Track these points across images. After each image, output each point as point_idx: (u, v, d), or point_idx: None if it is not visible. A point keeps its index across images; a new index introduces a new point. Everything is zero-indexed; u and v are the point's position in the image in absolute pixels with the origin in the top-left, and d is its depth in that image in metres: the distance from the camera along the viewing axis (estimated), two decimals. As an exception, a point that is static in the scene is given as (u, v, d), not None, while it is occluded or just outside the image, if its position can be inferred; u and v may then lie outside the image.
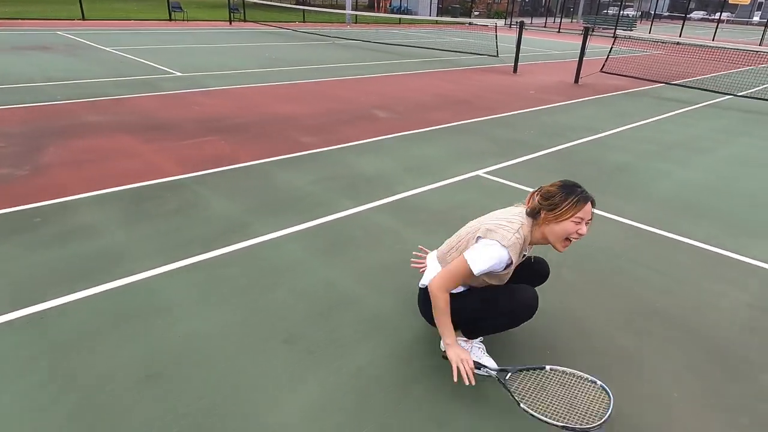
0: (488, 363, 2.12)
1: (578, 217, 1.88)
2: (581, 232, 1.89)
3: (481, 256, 1.87)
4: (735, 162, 5.44)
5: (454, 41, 18.31)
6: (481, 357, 2.18)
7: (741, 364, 2.30)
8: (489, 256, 1.86)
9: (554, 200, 1.90)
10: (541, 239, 1.97)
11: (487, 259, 1.86)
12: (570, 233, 1.90)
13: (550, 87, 9.64)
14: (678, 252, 3.33)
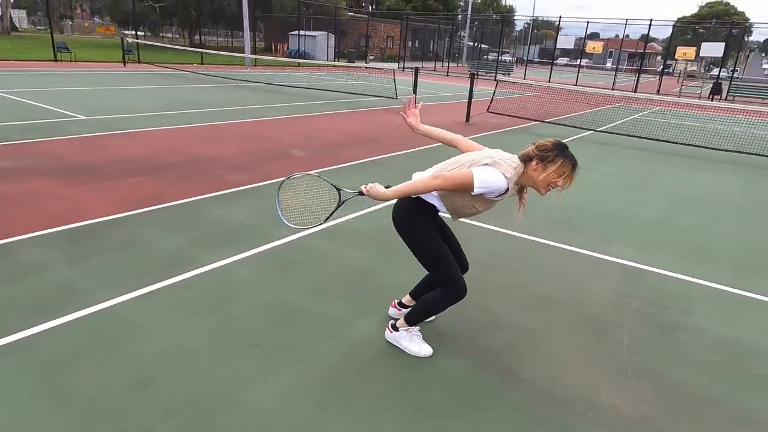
0: (425, 350, 2.64)
1: (562, 175, 2.28)
2: (559, 184, 2.30)
3: (487, 176, 2.22)
4: (598, 186, 6.64)
5: (354, 84, 19.40)
6: (420, 344, 2.69)
7: (606, 328, 3.06)
8: (493, 179, 2.22)
9: (547, 154, 2.27)
10: (525, 181, 2.36)
11: (491, 181, 2.22)
12: (551, 183, 2.30)
13: (446, 125, 10.65)
14: (560, 255, 4.17)
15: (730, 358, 2.86)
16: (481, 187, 2.23)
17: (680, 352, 2.88)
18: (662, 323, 3.19)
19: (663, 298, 3.52)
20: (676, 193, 6.44)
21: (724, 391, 2.57)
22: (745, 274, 4.02)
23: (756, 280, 3.90)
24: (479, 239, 4.40)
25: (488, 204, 2.38)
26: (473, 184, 2.22)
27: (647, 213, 5.51)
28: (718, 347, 2.96)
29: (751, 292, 3.69)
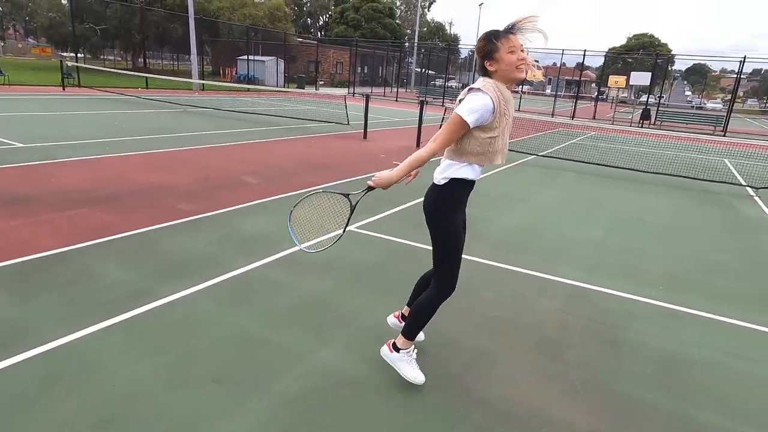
0: (420, 378, 2.65)
1: (511, 47, 2.25)
2: (521, 57, 2.26)
3: (470, 104, 2.23)
4: (543, 208, 6.99)
5: (305, 109, 19.49)
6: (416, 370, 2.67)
7: (556, 347, 3.24)
8: (476, 102, 2.23)
9: (487, 48, 2.28)
10: (504, 81, 2.32)
11: (476, 103, 2.22)
12: (515, 62, 2.25)
13: (397, 150, 11.00)
14: (511, 277, 4.36)
15: (668, 370, 3.09)
16: (471, 114, 2.23)
17: (624, 366, 3.09)
18: (607, 339, 3.40)
19: (606, 316, 3.75)
20: (615, 214, 6.88)
21: (665, 401, 2.78)
22: (677, 289, 4.35)
23: (686, 295, 4.23)
24: (429, 264, 4.52)
25: (501, 124, 2.34)
26: (464, 119, 2.24)
27: (589, 234, 5.85)
28: (657, 359, 3.19)
29: (682, 306, 4.00)
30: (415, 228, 5.49)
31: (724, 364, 3.20)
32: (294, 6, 61.29)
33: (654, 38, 59.22)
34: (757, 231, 6.56)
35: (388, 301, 3.70)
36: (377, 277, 4.14)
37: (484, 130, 2.31)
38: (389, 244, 4.94)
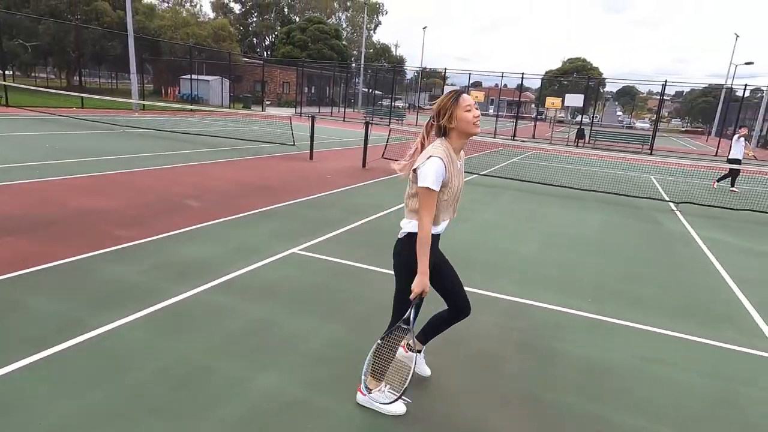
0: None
1: (467, 106, 2.49)
2: (476, 114, 2.50)
3: (426, 173, 2.42)
4: (484, 226, 7.25)
5: (251, 130, 19.30)
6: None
7: (493, 360, 3.38)
8: (430, 168, 2.42)
9: (445, 109, 2.51)
10: (458, 141, 2.55)
11: (431, 171, 2.42)
12: (471, 119, 2.49)
13: (343, 171, 11.11)
14: (451, 294, 4.51)
15: (593, 377, 3.29)
16: (431, 182, 2.42)
17: (554, 376, 3.27)
18: (539, 351, 3.58)
19: (539, 328, 3.95)
20: (550, 230, 7.24)
21: (590, 406, 2.96)
22: (603, 300, 4.64)
23: (611, 305, 4.52)
24: (374, 284, 4.61)
25: (455, 180, 2.54)
26: (430, 188, 2.43)
27: (526, 250, 6.13)
28: (583, 368, 3.40)
29: (607, 316, 4.27)
30: (359, 248, 5.57)
31: (642, 369, 3.44)
32: (239, 26, 60.90)
33: (586, 62, 62.94)
34: (676, 243, 7.08)
35: (332, 325, 3.74)
36: (320, 299, 4.17)
37: (444, 190, 2.51)
38: (332, 266, 4.99)
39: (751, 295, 5.07)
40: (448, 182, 2.50)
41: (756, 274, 5.91)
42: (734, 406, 3.09)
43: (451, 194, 2.55)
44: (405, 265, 2.63)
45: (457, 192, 2.59)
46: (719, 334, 4.09)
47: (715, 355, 3.76)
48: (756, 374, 3.51)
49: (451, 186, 2.52)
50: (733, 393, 3.24)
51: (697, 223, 8.46)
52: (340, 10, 68.93)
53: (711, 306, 4.74)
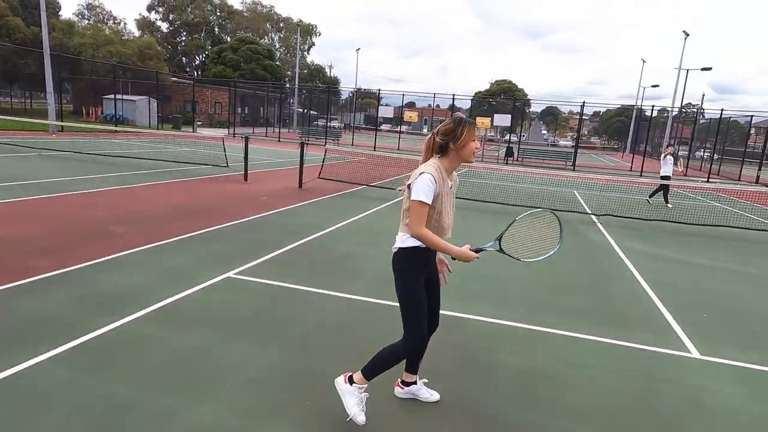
0: (361, 418, 2.76)
1: (474, 136, 2.67)
2: (477, 146, 2.71)
3: (418, 187, 2.59)
4: (420, 242, 7.39)
5: (181, 151, 18.65)
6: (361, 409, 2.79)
7: (431, 375, 3.44)
8: (422, 183, 2.59)
9: (455, 133, 2.64)
10: (450, 165, 2.72)
11: (423, 185, 2.58)
12: (473, 149, 2.68)
13: (279, 192, 10.97)
14: (387, 312, 4.55)
15: (528, 385, 3.43)
16: (424, 196, 2.58)
17: (490, 386, 3.37)
18: (475, 363, 3.69)
19: (475, 341, 4.07)
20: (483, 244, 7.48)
21: (523, 414, 3.08)
22: (534, 310, 4.86)
23: (541, 315, 4.74)
24: (313, 305, 4.57)
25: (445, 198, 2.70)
26: (423, 201, 2.58)
27: (460, 264, 6.29)
28: (519, 377, 3.53)
29: (537, 326, 4.47)
30: (297, 270, 5.51)
31: (569, 374, 3.62)
32: (167, 45, 59.12)
33: (513, 84, 66.28)
34: (599, 253, 7.55)
35: (270, 349, 3.66)
36: (257, 324, 4.08)
37: (436, 202, 2.65)
38: (269, 289, 4.90)
39: (665, 298, 5.49)
40: (437, 198, 2.63)
41: (668, 278, 6.41)
42: (651, 403, 3.32)
43: (441, 209, 2.69)
44: (398, 278, 2.81)
45: (446, 210, 2.73)
46: (637, 336, 4.39)
47: (634, 356, 4.03)
48: (669, 371, 3.80)
49: (442, 200, 2.66)
50: (651, 390, 3.48)
51: (616, 234, 9.07)
52: (273, 30, 68.71)
53: (630, 310, 5.08)
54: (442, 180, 2.66)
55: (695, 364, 3.97)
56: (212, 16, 62.49)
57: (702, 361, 4.02)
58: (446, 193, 2.71)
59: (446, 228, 2.78)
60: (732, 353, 4.18)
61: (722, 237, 9.66)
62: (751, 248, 8.86)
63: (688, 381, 3.67)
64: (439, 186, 2.63)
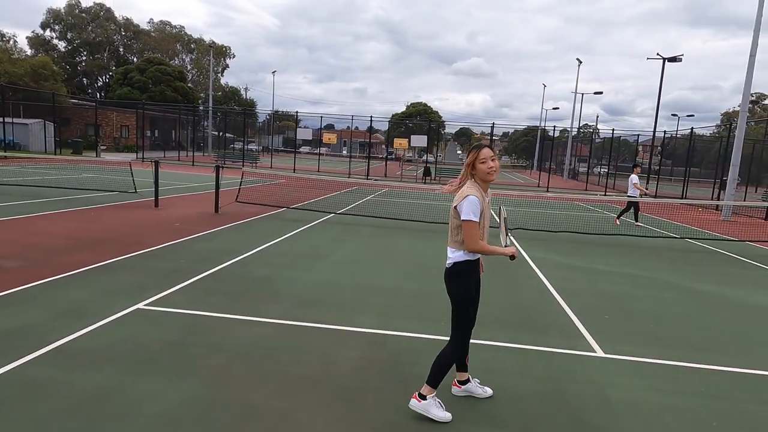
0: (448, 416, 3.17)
1: (482, 158, 3.05)
2: (490, 166, 3.06)
3: (467, 209, 2.99)
4: (341, 263, 7.38)
5: (83, 178, 17.33)
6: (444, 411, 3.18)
7: (356, 393, 3.42)
8: (469, 203, 2.99)
9: (468, 159, 3.10)
10: (482, 184, 3.11)
11: (470, 206, 2.99)
12: (486, 170, 3.06)
13: (193, 218, 10.50)
14: (309, 334, 4.48)
15: (447, 396, 3.50)
16: (473, 215, 2.99)
17: (407, 400, 3.40)
18: (399, 378, 3.71)
19: (399, 356, 4.10)
20: (406, 262, 7.63)
21: (448, 426, 3.13)
22: (455, 323, 4.99)
23: (463, 327, 4.88)
24: (233, 332, 4.40)
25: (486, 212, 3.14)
26: (472, 220, 3.00)
27: (382, 282, 6.37)
28: (440, 388, 3.59)
29: (460, 338, 4.60)
30: (214, 297, 5.28)
31: (487, 382, 3.74)
32: (65, 65, 55.15)
33: (427, 106, 68.86)
34: (512, 264, 7.94)
35: (186, 383, 3.46)
36: (171, 356, 3.84)
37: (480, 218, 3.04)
38: (186, 319, 4.64)
39: (571, 303, 5.88)
40: (482, 213, 3.04)
41: (574, 285, 6.88)
42: (563, 402, 3.52)
43: (483, 226, 3.08)
44: (454, 290, 3.17)
45: (487, 219, 3.14)
46: (548, 340, 4.66)
47: (547, 359, 4.27)
48: (578, 371, 4.06)
49: (483, 219, 3.07)
50: (562, 391, 3.69)
51: (527, 245, 9.61)
52: (184, 52, 66.45)
53: (542, 317, 5.38)
54: (483, 197, 3.08)
55: (600, 362, 4.27)
56: (116, 35, 59.30)
57: (606, 359, 4.34)
58: (486, 207, 3.14)
59: (486, 234, 3.20)
60: (631, 350, 4.54)
61: (619, 245, 10.56)
62: (644, 254, 9.76)
63: (594, 378, 3.94)
64: (482, 203, 3.04)
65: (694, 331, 5.26)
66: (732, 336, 5.19)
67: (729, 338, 5.12)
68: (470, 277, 3.19)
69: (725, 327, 5.50)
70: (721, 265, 9.19)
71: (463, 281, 3.16)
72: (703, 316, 5.91)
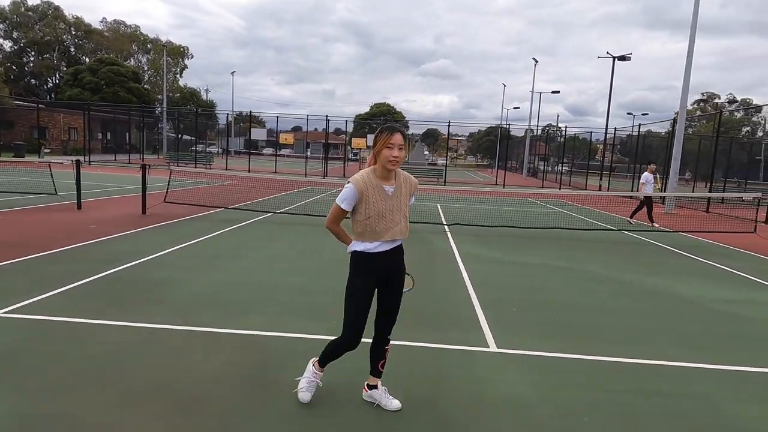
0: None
1: (390, 143, 2.75)
2: (395, 155, 2.77)
3: (342, 194, 2.84)
4: (262, 262, 7.02)
5: (12, 181, 16.36)
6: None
7: (202, 403, 3.09)
8: (343, 193, 2.84)
9: (375, 140, 2.82)
10: (382, 172, 2.85)
11: (343, 194, 2.83)
12: (388, 157, 2.77)
13: (116, 219, 9.94)
14: (179, 339, 4.12)
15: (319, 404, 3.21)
16: (342, 201, 2.85)
17: (275, 408, 3.10)
18: (257, 384, 3.39)
19: (269, 360, 3.77)
20: (329, 260, 7.32)
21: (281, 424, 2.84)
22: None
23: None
24: (94, 337, 4.00)
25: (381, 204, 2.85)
26: (339, 206, 2.87)
27: (295, 282, 6.05)
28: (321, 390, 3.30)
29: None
30: (95, 301, 4.85)
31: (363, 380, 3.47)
32: (11, 65, 52.76)
33: (391, 107, 68.85)
34: (437, 258, 7.76)
35: (7, 397, 3.05)
36: (37, 372, 3.43)
37: (358, 213, 2.86)
38: (44, 326, 4.21)
39: (484, 298, 5.68)
40: (362, 203, 2.82)
41: (495, 278, 6.72)
42: (430, 402, 3.27)
43: (371, 214, 2.82)
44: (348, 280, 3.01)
45: (381, 215, 2.83)
46: (443, 336, 4.42)
47: (435, 356, 4.02)
48: (462, 367, 3.83)
49: (368, 207, 2.81)
50: (437, 389, 3.44)
51: (460, 240, 9.45)
52: (140, 52, 64.56)
53: (447, 312, 5.16)
54: (372, 187, 2.82)
55: (490, 357, 4.06)
56: (66, 35, 57.11)
57: (497, 354, 4.13)
58: (381, 199, 2.85)
59: (382, 232, 2.86)
60: (528, 343, 4.35)
61: (555, 238, 10.52)
62: (577, 246, 9.73)
63: (477, 374, 3.71)
64: (365, 192, 2.81)
65: (603, 322, 5.13)
66: (640, 326, 5.08)
67: (636, 328, 5.00)
68: (365, 271, 2.95)
69: (637, 316, 5.40)
70: (648, 255, 9.24)
71: (353, 273, 2.99)
72: (618, 305, 5.81)
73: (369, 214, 2.82)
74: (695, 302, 6.06)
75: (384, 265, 2.97)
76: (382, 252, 2.92)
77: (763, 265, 8.89)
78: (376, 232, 2.85)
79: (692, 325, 5.23)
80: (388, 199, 2.86)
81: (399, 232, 2.92)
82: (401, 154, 2.77)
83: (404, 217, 2.94)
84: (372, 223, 2.83)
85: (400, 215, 2.91)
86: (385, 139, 2.77)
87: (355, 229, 2.91)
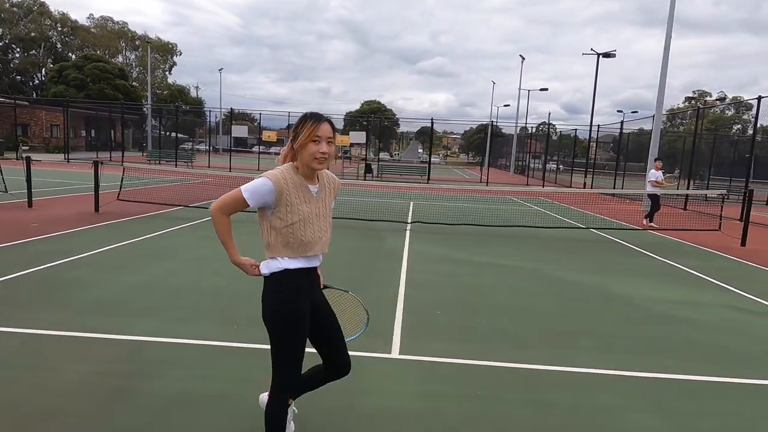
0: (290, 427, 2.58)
1: (316, 136, 2.16)
2: (323, 151, 2.17)
3: (251, 185, 2.15)
4: (194, 262, 6.74)
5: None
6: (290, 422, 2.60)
7: (43, 420, 2.82)
8: (253, 183, 2.16)
9: (296, 131, 2.20)
10: (304, 170, 2.24)
11: (252, 184, 2.15)
12: (314, 153, 2.16)
13: (66, 217, 9.64)
14: (57, 345, 3.84)
15: (170, 411, 2.95)
16: (246, 191, 2.16)
17: (123, 422, 2.83)
18: (119, 396, 3.13)
19: (144, 368, 3.52)
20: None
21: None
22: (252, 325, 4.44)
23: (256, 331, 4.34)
24: (-35, 346, 3.73)
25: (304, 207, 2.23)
26: (242, 195, 2.16)
27: (221, 282, 5.76)
28: (163, 403, 3.04)
29: (249, 343, 4.05)
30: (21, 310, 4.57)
31: (240, 389, 3.22)
32: (-6, 62, 52.23)
33: (381, 105, 68.54)
34: (384, 258, 7.49)
35: None
36: None
37: (276, 219, 2.20)
38: None
39: (411, 299, 5.42)
40: (281, 206, 2.19)
41: (432, 278, 6.46)
42: (302, 418, 3.02)
43: (294, 220, 2.20)
44: (267, 313, 2.29)
45: (308, 221, 2.24)
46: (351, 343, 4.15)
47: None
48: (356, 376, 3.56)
49: (290, 211, 2.19)
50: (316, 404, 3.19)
51: (416, 238, 9.20)
52: (128, 49, 64.04)
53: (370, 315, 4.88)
54: (295, 186, 2.21)
55: (389, 364, 3.82)
56: (52, 31, 56.57)
57: (397, 360, 3.89)
58: (305, 201, 2.24)
59: (310, 243, 2.27)
60: (436, 349, 4.09)
61: (518, 236, 10.27)
62: (537, 244, 9.49)
63: (360, 385, 3.44)
64: (286, 193, 2.18)
65: (523, 325, 4.87)
66: (562, 329, 4.82)
67: (557, 332, 4.74)
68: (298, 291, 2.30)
69: (564, 319, 5.16)
70: (609, 254, 9.01)
71: (283, 299, 2.27)
72: (548, 307, 5.54)
73: (292, 219, 2.20)
74: (635, 303, 5.82)
75: (312, 286, 2.41)
76: (309, 269, 2.34)
77: (724, 263, 8.68)
78: (304, 243, 2.25)
79: (621, 328, 4.98)
80: (312, 201, 2.27)
81: (325, 244, 2.36)
82: (330, 150, 2.21)
83: (330, 225, 2.39)
84: (296, 230, 2.21)
85: (326, 223, 2.35)
86: (310, 130, 2.16)
87: (272, 241, 2.25)
